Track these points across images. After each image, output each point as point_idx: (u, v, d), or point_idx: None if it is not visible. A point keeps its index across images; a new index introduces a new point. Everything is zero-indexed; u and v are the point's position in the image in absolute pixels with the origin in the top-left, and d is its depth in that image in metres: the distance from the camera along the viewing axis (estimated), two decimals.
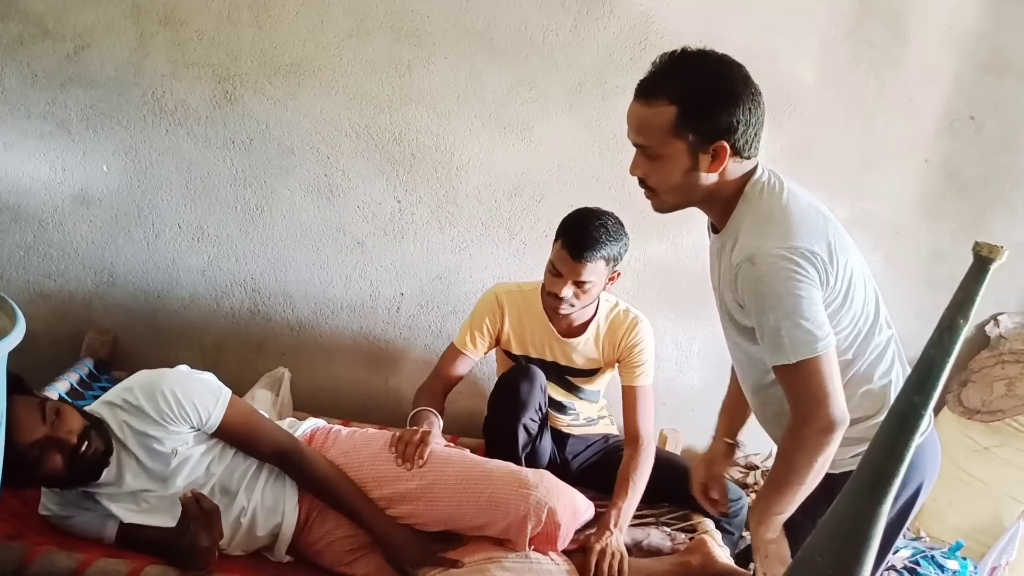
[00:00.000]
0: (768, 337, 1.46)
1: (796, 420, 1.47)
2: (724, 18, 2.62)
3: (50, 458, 1.62)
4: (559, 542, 1.85)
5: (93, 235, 2.59)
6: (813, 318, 1.42)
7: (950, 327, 0.98)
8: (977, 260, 0.97)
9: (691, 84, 1.44)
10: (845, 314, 1.52)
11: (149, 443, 1.74)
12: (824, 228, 1.50)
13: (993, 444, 2.80)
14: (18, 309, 1.30)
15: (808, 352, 1.42)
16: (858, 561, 1.04)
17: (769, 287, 1.43)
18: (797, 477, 1.48)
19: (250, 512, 1.82)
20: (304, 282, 2.71)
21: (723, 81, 1.46)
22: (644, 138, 1.49)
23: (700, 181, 1.49)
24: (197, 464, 1.79)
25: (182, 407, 1.73)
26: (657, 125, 1.45)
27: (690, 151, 1.46)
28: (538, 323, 2.32)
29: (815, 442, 1.44)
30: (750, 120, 1.46)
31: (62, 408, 1.67)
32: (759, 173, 1.53)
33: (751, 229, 1.48)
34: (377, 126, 2.59)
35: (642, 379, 2.32)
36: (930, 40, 2.73)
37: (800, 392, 1.46)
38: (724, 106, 1.44)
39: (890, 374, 1.60)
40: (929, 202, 2.90)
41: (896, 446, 1.01)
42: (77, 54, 2.44)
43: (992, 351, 3.01)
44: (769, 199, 1.50)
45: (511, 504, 1.80)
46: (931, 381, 0.99)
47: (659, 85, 1.45)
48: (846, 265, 1.50)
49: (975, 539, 2.72)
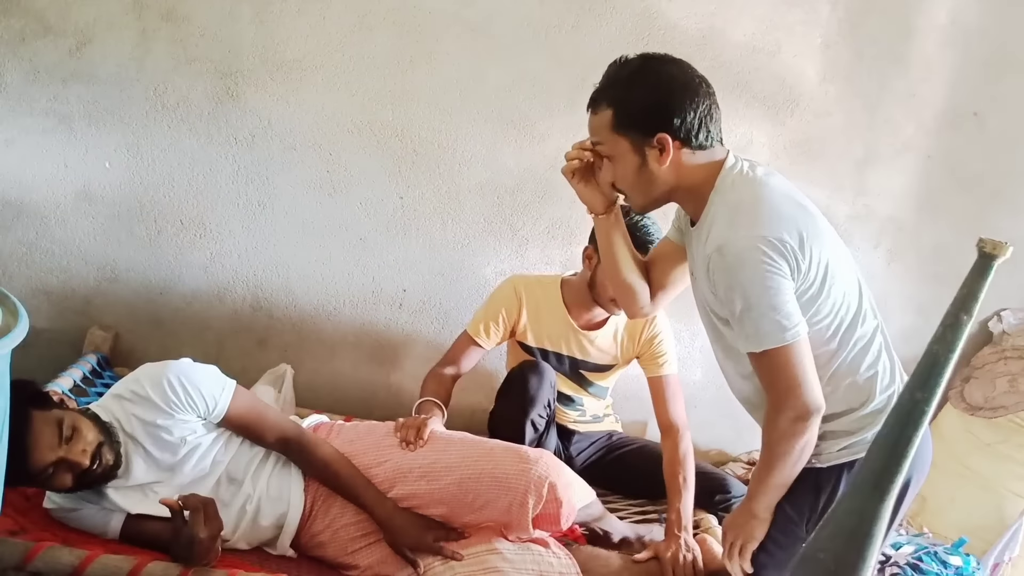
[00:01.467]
0: (739, 326, 1.49)
1: (771, 408, 1.52)
2: (726, 13, 2.61)
3: (61, 477, 1.66)
4: (562, 521, 1.85)
5: (95, 231, 2.59)
6: (781, 308, 1.44)
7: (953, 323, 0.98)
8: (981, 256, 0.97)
9: (625, 85, 1.53)
10: (824, 303, 1.52)
11: (157, 433, 1.76)
12: (795, 217, 1.50)
13: (996, 440, 2.79)
14: (21, 306, 1.30)
15: (776, 341, 1.45)
16: (861, 558, 1.04)
17: (735, 277, 1.45)
18: (780, 461, 1.54)
19: (255, 500, 1.83)
20: (306, 278, 2.71)
21: (653, 76, 1.52)
22: (597, 142, 1.59)
23: (656, 176, 1.54)
24: (204, 454, 1.80)
25: (189, 395, 1.76)
26: (601, 127, 1.56)
27: (634, 147, 1.53)
28: (557, 316, 2.32)
29: (791, 430, 1.49)
30: (688, 108, 1.50)
31: (78, 424, 1.68)
32: (730, 163, 1.55)
33: (722, 219, 1.50)
34: (379, 122, 2.59)
35: (667, 368, 2.35)
36: (933, 36, 2.72)
37: (772, 380, 1.50)
38: (655, 99, 1.50)
39: (876, 366, 1.60)
40: (932, 198, 2.89)
41: (899, 443, 1.01)
42: (79, 50, 2.44)
43: (995, 347, 3.01)
44: (741, 189, 1.52)
45: (512, 480, 1.81)
46: (934, 378, 0.99)
47: (601, 93, 1.56)
48: (820, 254, 1.49)
49: (978, 535, 2.72)
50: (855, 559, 1.03)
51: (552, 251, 2.76)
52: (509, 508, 1.81)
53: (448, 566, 1.78)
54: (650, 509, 2.38)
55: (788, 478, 1.57)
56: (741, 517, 1.65)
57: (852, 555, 1.04)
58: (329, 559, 1.88)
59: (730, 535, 1.67)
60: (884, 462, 1.02)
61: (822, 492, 1.60)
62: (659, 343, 2.35)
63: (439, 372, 2.31)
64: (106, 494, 1.77)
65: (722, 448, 3.04)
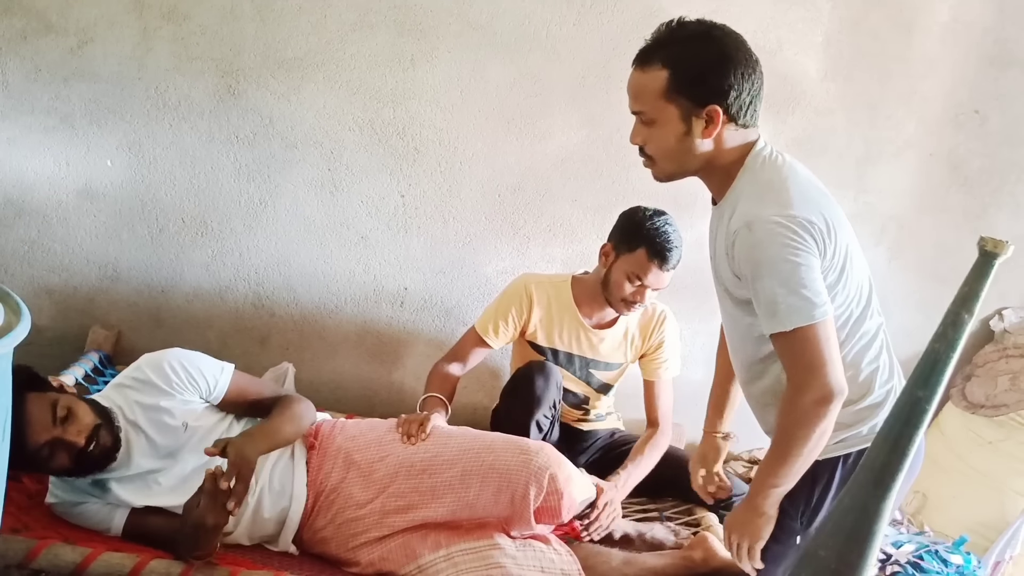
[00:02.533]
0: (764, 304, 1.45)
1: (792, 389, 1.47)
2: (728, 10, 2.60)
3: (58, 457, 1.68)
4: (563, 513, 1.85)
5: (97, 230, 2.59)
6: (810, 285, 1.42)
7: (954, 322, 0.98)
8: (982, 255, 0.97)
9: (683, 48, 1.47)
10: (840, 292, 1.52)
11: (160, 417, 1.79)
12: (821, 203, 1.50)
13: (997, 438, 2.79)
14: (23, 304, 1.30)
15: (804, 319, 1.41)
16: (861, 556, 1.04)
17: (765, 253, 1.43)
18: (795, 448, 1.48)
19: (258, 492, 1.84)
20: (308, 276, 2.71)
21: (716, 45, 1.47)
22: (639, 104, 1.52)
23: (695, 147, 1.50)
24: (206, 440, 1.82)
25: (190, 375, 1.83)
26: (651, 90, 1.48)
27: (683, 115, 1.48)
28: (568, 315, 2.32)
29: (813, 412, 1.44)
30: (743, 86, 1.47)
31: (73, 406, 1.70)
32: (761, 145, 1.54)
33: (750, 197, 1.49)
34: (380, 120, 2.59)
35: (665, 374, 2.41)
36: (934, 33, 2.72)
37: (796, 360, 1.45)
38: (715, 70, 1.45)
39: (877, 361, 1.60)
40: (933, 195, 2.89)
41: (900, 441, 1.01)
42: (80, 49, 2.44)
43: (996, 345, 3.00)
44: (770, 170, 1.51)
45: (513, 471, 1.81)
46: (935, 376, 0.99)
47: (654, 51, 1.49)
48: (842, 241, 1.50)
49: (979, 533, 2.72)
50: (856, 557, 1.03)
51: (553, 249, 2.76)
52: (511, 500, 1.81)
53: (451, 562, 1.78)
54: (651, 507, 2.38)
55: (800, 469, 1.52)
56: (746, 515, 1.60)
57: (853, 553, 1.04)
58: (331, 555, 1.89)
59: (735, 535, 1.63)
60: (885, 459, 1.02)
61: (817, 484, 1.60)
62: (664, 349, 2.39)
63: (444, 368, 2.31)
64: (109, 488, 1.78)
65: None
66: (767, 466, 1.55)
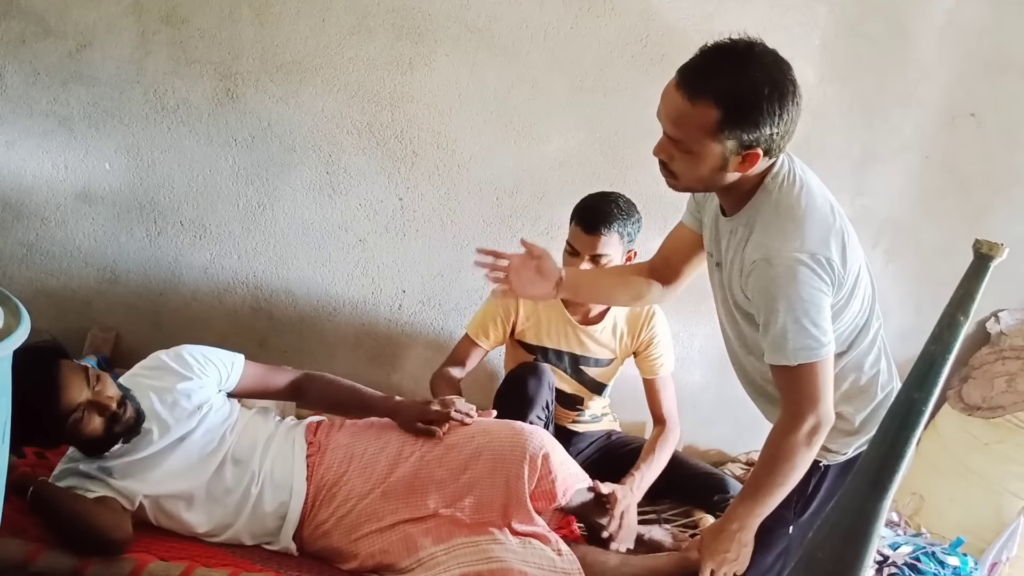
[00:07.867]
0: (772, 337, 1.47)
1: (787, 418, 1.50)
2: (725, 14, 2.62)
3: (91, 420, 1.74)
4: (558, 495, 1.89)
5: (95, 233, 2.59)
6: (820, 324, 1.45)
7: (950, 324, 0.99)
8: (977, 257, 0.98)
9: (739, 89, 1.38)
10: (848, 311, 1.53)
11: (175, 399, 1.88)
12: (836, 227, 1.51)
13: (994, 440, 2.80)
14: (23, 307, 1.31)
15: (810, 357, 1.46)
16: (859, 557, 1.04)
17: (782, 289, 1.44)
18: (785, 478, 1.53)
19: (260, 482, 1.88)
20: (306, 279, 2.71)
21: (772, 88, 1.39)
22: (681, 133, 1.43)
23: (725, 177, 1.49)
24: (215, 427, 1.90)
25: (208, 360, 1.96)
26: (697, 125, 1.40)
27: (724, 153, 1.43)
28: (555, 312, 2.34)
29: (805, 443, 1.49)
30: (788, 127, 1.43)
31: (102, 375, 1.80)
32: (779, 165, 1.54)
33: (770, 226, 1.49)
34: (379, 123, 2.59)
35: (662, 371, 2.42)
36: (930, 37, 2.73)
37: (796, 392, 1.49)
38: (769, 116, 1.39)
39: (878, 364, 1.63)
40: (930, 198, 2.90)
41: (896, 443, 1.02)
42: (79, 52, 2.44)
43: (993, 347, 3.01)
44: (788, 194, 1.51)
45: (507, 452, 1.89)
46: (931, 378, 1.00)
47: (707, 82, 1.38)
48: (853, 264, 1.52)
49: (976, 535, 2.72)
50: (853, 557, 1.04)
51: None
52: (506, 483, 1.86)
53: (451, 555, 1.79)
54: (648, 509, 2.38)
55: (780, 497, 1.55)
56: (724, 543, 1.58)
57: (850, 553, 1.04)
58: (333, 547, 1.90)
59: (710, 561, 1.60)
60: (881, 460, 1.03)
61: (812, 475, 1.63)
62: (656, 345, 2.40)
63: (447, 373, 2.35)
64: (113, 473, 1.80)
65: (721, 448, 3.05)
66: (753, 495, 1.57)
